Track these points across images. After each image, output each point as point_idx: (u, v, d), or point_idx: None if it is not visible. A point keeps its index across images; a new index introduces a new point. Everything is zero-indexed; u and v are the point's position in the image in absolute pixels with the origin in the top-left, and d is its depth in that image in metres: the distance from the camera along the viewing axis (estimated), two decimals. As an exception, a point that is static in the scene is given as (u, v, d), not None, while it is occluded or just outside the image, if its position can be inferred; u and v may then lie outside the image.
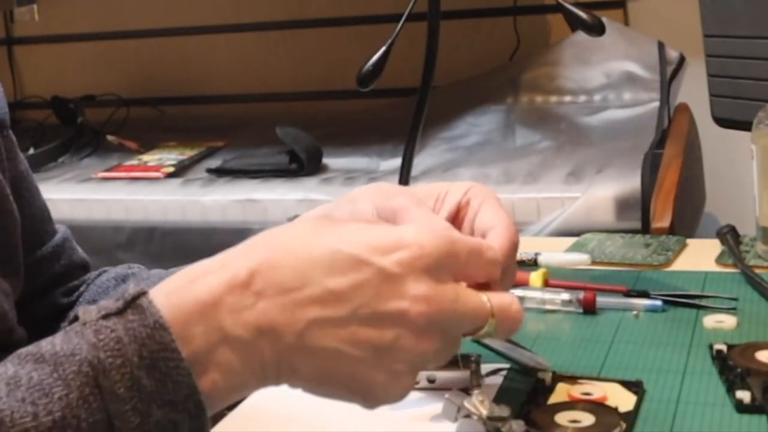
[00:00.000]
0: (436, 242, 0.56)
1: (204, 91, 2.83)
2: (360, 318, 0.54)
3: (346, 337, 0.53)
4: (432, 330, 0.55)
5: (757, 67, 1.19)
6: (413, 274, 0.55)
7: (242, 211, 2.02)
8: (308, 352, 0.53)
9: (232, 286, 0.53)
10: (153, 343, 0.51)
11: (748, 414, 0.66)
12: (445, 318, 0.56)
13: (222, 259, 0.55)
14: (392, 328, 0.54)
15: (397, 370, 0.54)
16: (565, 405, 0.67)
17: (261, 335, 0.53)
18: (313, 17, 2.68)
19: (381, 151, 2.22)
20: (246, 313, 0.53)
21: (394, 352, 0.54)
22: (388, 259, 0.54)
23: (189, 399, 0.51)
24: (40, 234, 0.88)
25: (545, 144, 2.12)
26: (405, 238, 0.56)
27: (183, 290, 0.54)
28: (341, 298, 0.53)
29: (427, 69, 1.39)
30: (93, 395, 0.49)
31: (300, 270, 0.54)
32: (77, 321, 0.52)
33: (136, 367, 0.50)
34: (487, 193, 0.71)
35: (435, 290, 0.55)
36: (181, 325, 0.52)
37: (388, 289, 0.54)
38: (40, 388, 0.49)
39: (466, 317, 0.57)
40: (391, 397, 0.55)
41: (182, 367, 0.51)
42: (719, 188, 2.21)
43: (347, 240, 0.55)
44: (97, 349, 0.50)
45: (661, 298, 0.86)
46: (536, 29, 2.52)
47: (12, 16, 2.85)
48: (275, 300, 0.53)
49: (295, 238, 0.56)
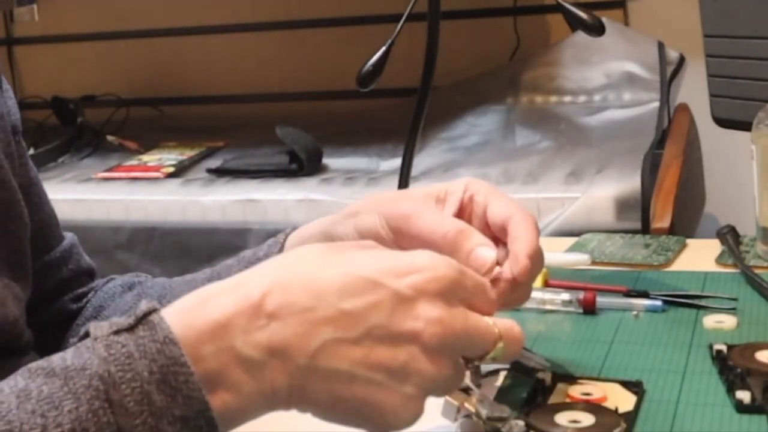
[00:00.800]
0: (448, 268, 0.56)
1: (204, 91, 2.83)
2: (374, 339, 0.53)
3: (359, 358, 0.53)
4: (444, 353, 0.55)
5: (757, 67, 1.18)
6: (426, 297, 0.55)
7: (242, 211, 2.02)
8: (320, 374, 0.53)
9: (245, 307, 0.53)
10: (163, 358, 0.50)
11: (748, 414, 0.66)
12: (457, 340, 0.56)
13: (235, 281, 0.55)
14: (405, 350, 0.54)
15: (408, 394, 0.54)
16: (564, 405, 0.67)
17: (272, 356, 0.52)
18: (313, 17, 2.69)
19: (381, 151, 2.22)
20: (258, 334, 0.52)
21: (406, 374, 0.54)
22: (402, 282, 0.55)
23: (200, 415, 0.51)
24: (48, 239, 0.88)
25: (545, 144, 2.12)
26: (418, 262, 0.56)
27: (195, 310, 0.53)
28: (355, 319, 0.53)
29: (427, 69, 1.39)
30: (103, 409, 0.49)
31: (313, 292, 0.54)
32: (88, 337, 0.52)
33: (146, 381, 0.50)
34: (487, 185, 0.71)
35: (448, 313, 0.55)
36: (191, 345, 0.51)
37: (402, 311, 0.54)
38: (50, 401, 0.49)
39: (476, 340, 0.57)
40: (401, 422, 0.55)
41: (192, 382, 0.50)
42: (719, 188, 2.21)
43: (360, 264, 0.56)
44: (107, 363, 0.50)
45: (661, 298, 0.86)
46: (536, 29, 2.52)
47: (12, 16, 2.85)
48: (288, 321, 0.53)
49: (307, 261, 0.56)
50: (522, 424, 0.62)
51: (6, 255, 0.77)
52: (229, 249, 1.99)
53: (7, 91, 0.87)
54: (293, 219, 1.96)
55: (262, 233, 1.96)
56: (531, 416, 0.65)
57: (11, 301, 0.75)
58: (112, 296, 0.89)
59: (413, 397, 0.54)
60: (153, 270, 2.03)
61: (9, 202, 0.78)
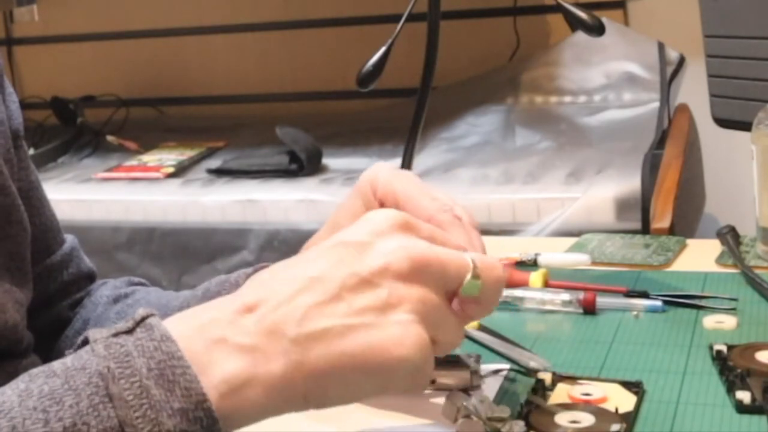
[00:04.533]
0: (397, 212, 0.59)
1: (204, 91, 2.83)
2: (350, 288, 0.55)
3: (344, 310, 0.54)
4: (419, 275, 0.56)
5: (757, 67, 1.18)
6: (384, 236, 0.57)
7: (242, 211, 2.02)
8: (314, 338, 0.53)
9: (228, 310, 0.55)
10: (160, 354, 0.52)
11: (748, 414, 0.66)
12: (428, 263, 0.57)
13: (214, 300, 0.58)
14: (383, 286, 0.55)
15: (403, 321, 0.54)
16: (565, 405, 0.67)
17: (263, 338, 0.53)
18: (313, 17, 2.69)
19: (381, 151, 2.22)
20: (243, 322, 0.54)
21: (392, 305, 0.55)
22: (358, 233, 0.57)
23: (199, 407, 0.51)
24: (50, 243, 0.88)
25: (545, 144, 2.12)
26: (368, 216, 0.59)
27: (185, 316, 0.56)
28: (326, 279, 0.55)
29: (427, 69, 1.39)
30: (103, 403, 0.50)
31: (284, 278, 0.56)
32: (87, 344, 0.53)
33: (144, 377, 0.51)
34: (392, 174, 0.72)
35: (408, 240, 0.57)
36: (184, 340, 0.53)
37: (366, 255, 0.56)
38: (51, 398, 0.50)
39: (447, 264, 0.58)
40: (408, 350, 0.54)
41: (189, 374, 0.51)
42: (719, 188, 2.21)
43: (319, 245, 0.58)
44: (107, 360, 0.51)
45: (661, 299, 0.86)
46: (536, 29, 2.52)
47: (12, 16, 2.86)
48: (268, 305, 0.55)
49: (280, 266, 0.59)
50: (522, 424, 0.62)
51: (6, 260, 0.77)
52: (229, 249, 2.01)
53: (11, 95, 0.87)
54: (293, 219, 1.96)
55: (262, 233, 1.96)
56: (531, 416, 0.65)
57: (11, 307, 0.75)
58: (95, 307, 0.89)
59: (409, 322, 0.55)
60: (153, 270, 2.03)
61: (9, 208, 0.78)
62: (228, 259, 1.99)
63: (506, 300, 0.88)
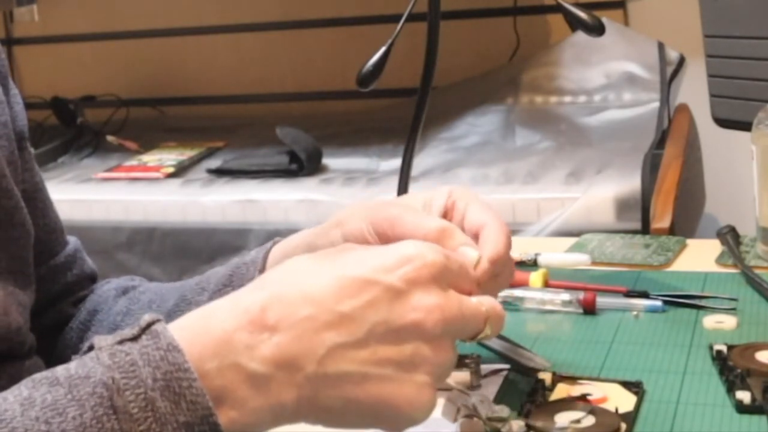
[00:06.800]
0: (435, 254, 0.57)
1: (204, 91, 2.83)
2: (377, 336, 0.54)
3: (366, 357, 0.53)
4: (445, 337, 0.55)
5: (757, 67, 1.18)
6: (420, 286, 0.55)
7: (242, 211, 2.02)
8: (331, 380, 0.53)
9: (245, 323, 0.53)
10: (166, 364, 0.50)
11: (748, 414, 0.66)
12: (456, 324, 0.56)
13: (232, 298, 0.55)
14: (410, 342, 0.54)
15: (420, 382, 0.54)
16: (565, 405, 0.67)
17: (278, 369, 0.52)
18: (313, 17, 2.69)
19: (381, 151, 2.22)
20: (262, 348, 0.52)
21: (414, 364, 0.54)
22: (394, 275, 0.55)
23: (205, 421, 0.50)
24: (53, 244, 0.88)
25: (545, 144, 2.12)
26: (406, 253, 0.56)
27: (196, 326, 0.54)
28: (355, 320, 0.53)
29: (427, 69, 1.39)
30: (107, 415, 0.49)
31: (310, 299, 0.54)
32: (92, 350, 0.52)
33: (150, 388, 0.50)
34: (470, 193, 0.72)
35: (444, 298, 0.56)
36: (195, 360, 0.51)
37: (400, 304, 0.54)
38: (54, 408, 0.49)
39: (470, 321, 0.58)
40: (417, 412, 0.55)
41: (196, 387, 0.50)
42: (719, 188, 2.21)
43: (351, 265, 0.56)
44: (111, 371, 0.50)
45: (661, 299, 0.86)
46: (536, 29, 2.52)
47: (12, 16, 2.86)
48: (290, 332, 0.53)
49: (300, 272, 0.56)
50: (522, 424, 0.62)
51: (9, 263, 0.77)
52: (229, 249, 2.01)
53: (15, 96, 0.86)
54: (293, 219, 1.96)
55: (262, 233, 1.96)
56: (531, 416, 0.65)
57: (15, 309, 0.75)
58: (105, 300, 0.89)
59: (425, 384, 0.54)
60: (153, 270, 2.03)
61: (12, 211, 0.78)
62: (228, 259, 1.97)
63: (506, 300, 0.88)
